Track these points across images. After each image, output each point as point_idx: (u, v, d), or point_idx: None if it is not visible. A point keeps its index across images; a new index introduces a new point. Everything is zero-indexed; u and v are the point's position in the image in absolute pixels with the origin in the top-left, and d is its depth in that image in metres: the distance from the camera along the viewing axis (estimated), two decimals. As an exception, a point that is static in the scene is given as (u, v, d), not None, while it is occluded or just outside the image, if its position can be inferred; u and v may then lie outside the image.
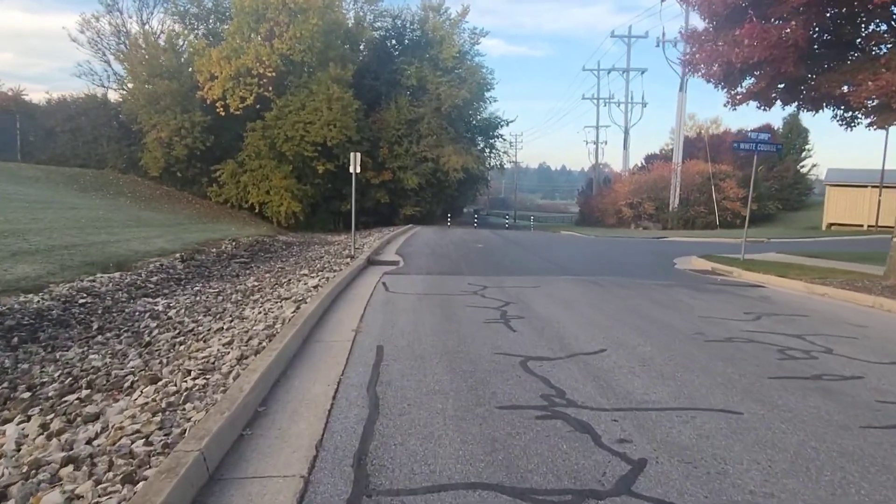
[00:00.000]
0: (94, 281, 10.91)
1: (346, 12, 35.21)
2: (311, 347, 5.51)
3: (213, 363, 4.89)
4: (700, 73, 10.63)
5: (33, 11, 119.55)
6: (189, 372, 4.61)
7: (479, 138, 40.01)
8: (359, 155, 14.04)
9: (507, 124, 39.68)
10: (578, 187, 79.83)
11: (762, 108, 11.41)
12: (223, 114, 30.63)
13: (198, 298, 10.20)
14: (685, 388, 4.53)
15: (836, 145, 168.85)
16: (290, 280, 10.80)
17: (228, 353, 5.13)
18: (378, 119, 33.96)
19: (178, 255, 15.13)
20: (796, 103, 11.26)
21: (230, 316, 7.72)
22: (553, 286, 9.82)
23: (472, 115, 38.75)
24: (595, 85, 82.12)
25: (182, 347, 6.09)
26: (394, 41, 36.85)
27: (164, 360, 5.50)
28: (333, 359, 5.14)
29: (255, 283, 11.21)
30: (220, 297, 9.99)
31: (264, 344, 5.32)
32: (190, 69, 31.76)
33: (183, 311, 8.93)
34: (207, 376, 4.50)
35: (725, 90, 10.77)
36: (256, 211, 31.93)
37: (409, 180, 33.51)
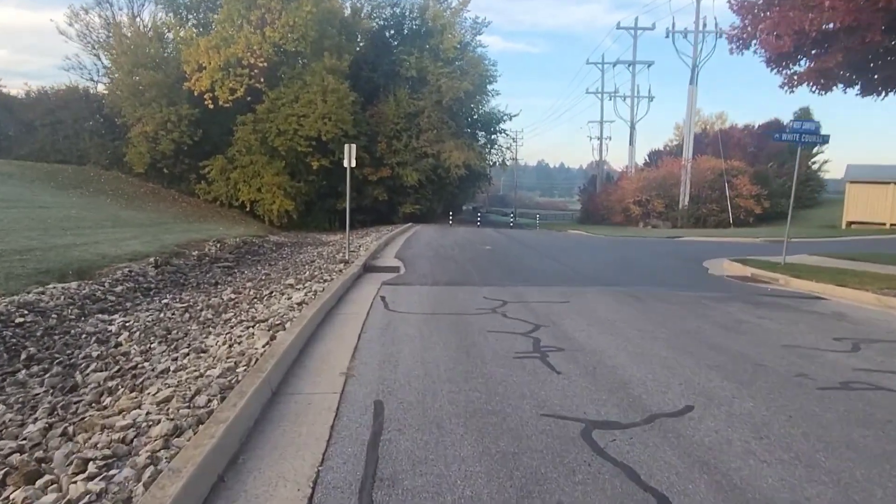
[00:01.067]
0: (42, 293, 9.28)
1: (342, 1, 33.58)
2: (281, 408, 3.91)
3: (131, 442, 3.30)
4: (757, 48, 9.05)
5: (27, 7, 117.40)
6: (87, 465, 3.01)
7: (481, 133, 38.37)
8: (353, 147, 12.42)
9: (510, 118, 38.11)
10: (580, 185, 78.27)
11: (818, 91, 9.83)
12: (212, 107, 29.00)
13: (162, 315, 8.59)
14: (852, 491, 2.94)
15: (850, 140, 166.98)
16: (272, 293, 9.20)
17: (159, 420, 3.53)
18: (376, 112, 32.32)
19: (152, 259, 13.50)
20: (860, 84, 9.67)
21: (188, 346, 6.13)
22: (585, 301, 8.24)
23: (473, 108, 37.12)
24: (598, 80, 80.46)
25: (109, 400, 4.50)
26: (392, 31, 35.16)
27: (72, 429, 3.89)
28: (311, 429, 3.55)
29: (233, 296, 9.61)
30: (186, 315, 8.38)
31: (214, 404, 3.74)
32: (177, 59, 30.10)
33: (138, 333, 7.33)
34: (112, 472, 2.91)
35: (782, 70, 9.20)
36: (247, 209, 30.30)
37: (408, 177, 31.89)
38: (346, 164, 12.50)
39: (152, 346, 6.50)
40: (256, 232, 24.52)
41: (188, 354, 5.62)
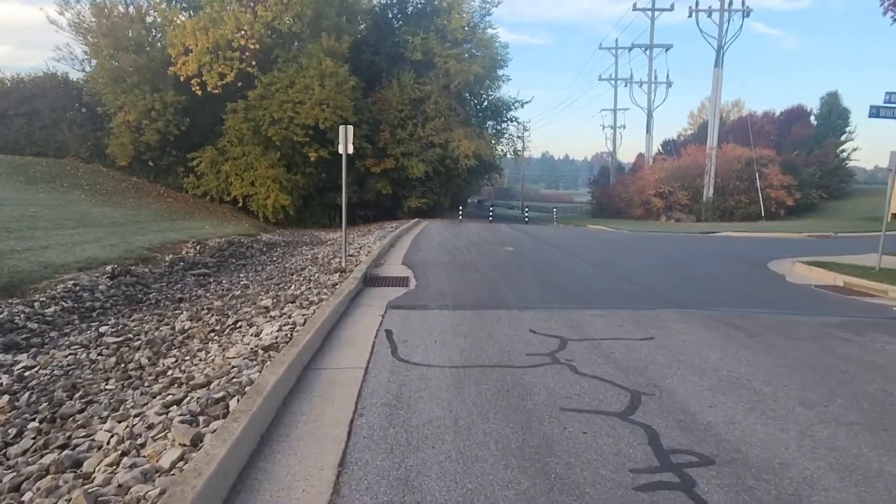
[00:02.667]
0: (-69, 323, 6.95)
1: (341, -21, 31.03)
2: None
3: None
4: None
5: (30, 3, 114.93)
6: None
7: (490, 122, 35.82)
8: (350, 129, 10.00)
9: (522, 105, 35.49)
10: (589, 176, 75.63)
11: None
12: (200, 93, 26.59)
13: (83, 356, 6.22)
14: None
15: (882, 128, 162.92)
16: (237, 322, 6.81)
17: None
18: (378, 99, 29.83)
19: (110, 267, 11.14)
20: None
21: (65, 440, 3.74)
22: (675, 336, 5.82)
23: (483, 95, 34.63)
24: (608, 67, 77.54)
25: None
26: (395, 10, 32.58)
27: None
28: None
29: (188, 325, 7.21)
30: (112, 360, 5.99)
31: None
32: (162, 42, 27.67)
33: (28, 394, 4.97)
34: None
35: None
36: (240, 205, 27.93)
37: (413, 168, 29.43)
38: (341, 149, 10.08)
39: (26, 428, 4.11)
40: (247, 230, 22.15)
41: (61, 468, 3.23)
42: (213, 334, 6.42)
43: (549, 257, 12.82)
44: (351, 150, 10.23)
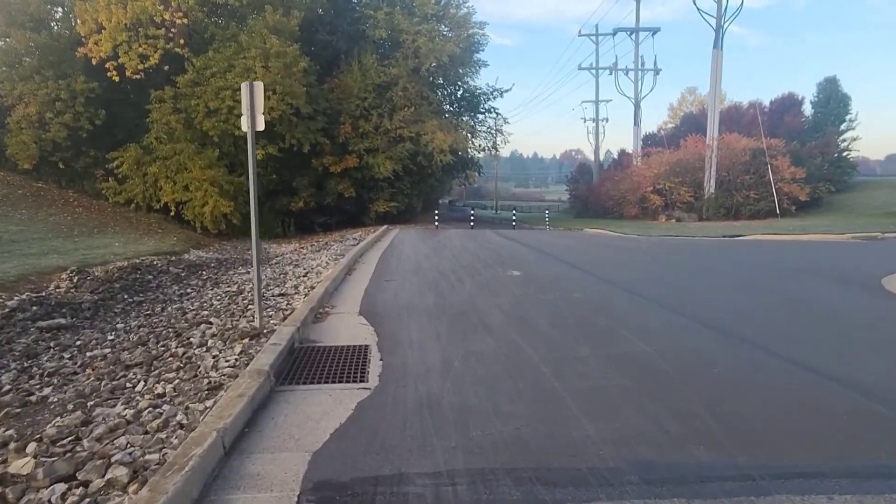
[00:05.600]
0: None
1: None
2: None
3: None
4: None
5: None
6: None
7: (467, 114, 31.64)
8: (259, 86, 5.83)
9: (501, 94, 31.36)
10: (568, 174, 72.08)
11: None
12: (118, 79, 21.90)
13: None
14: None
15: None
16: None
17: None
18: (337, 85, 25.42)
19: None
20: None
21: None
22: None
23: (458, 83, 30.49)
24: (583, 60, 74.79)
25: None
26: (354, -17, 28.25)
27: None
28: None
29: None
30: None
31: None
32: (69, 19, 22.85)
33: None
34: None
35: None
36: (173, 213, 23.26)
37: (380, 167, 25.10)
38: (245, 123, 5.88)
39: None
40: (172, 246, 17.61)
41: None
42: None
43: (584, 290, 8.70)
44: (261, 126, 6.04)
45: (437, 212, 27.41)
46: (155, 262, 14.20)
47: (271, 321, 6.55)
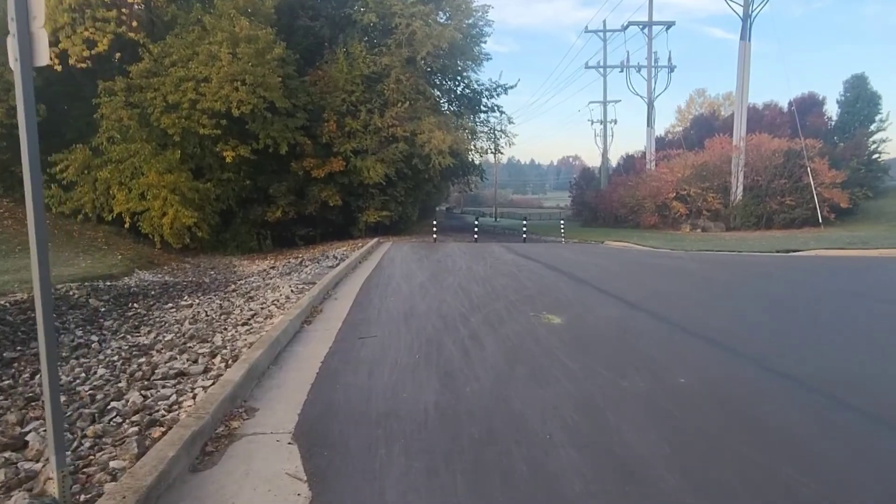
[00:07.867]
0: None
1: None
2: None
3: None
4: None
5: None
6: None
7: (469, 113, 28.29)
8: (44, 36, 2.50)
9: (506, 91, 28.10)
10: (571, 179, 69.01)
11: None
12: (60, 69, 18.58)
13: None
14: None
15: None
16: None
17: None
18: (320, 77, 22.16)
19: None
20: None
21: None
22: None
23: (458, 79, 27.30)
24: (585, 62, 71.71)
25: None
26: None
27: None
28: None
29: None
30: None
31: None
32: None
33: None
34: None
35: None
36: (128, 225, 19.92)
37: (370, 171, 21.81)
38: (9, 48, 2.56)
39: None
40: (112, 268, 14.33)
41: None
42: None
43: (682, 361, 5.41)
44: (44, 59, 2.71)
45: (435, 222, 24.12)
46: (71, 293, 10.88)
47: (105, 456, 3.24)
